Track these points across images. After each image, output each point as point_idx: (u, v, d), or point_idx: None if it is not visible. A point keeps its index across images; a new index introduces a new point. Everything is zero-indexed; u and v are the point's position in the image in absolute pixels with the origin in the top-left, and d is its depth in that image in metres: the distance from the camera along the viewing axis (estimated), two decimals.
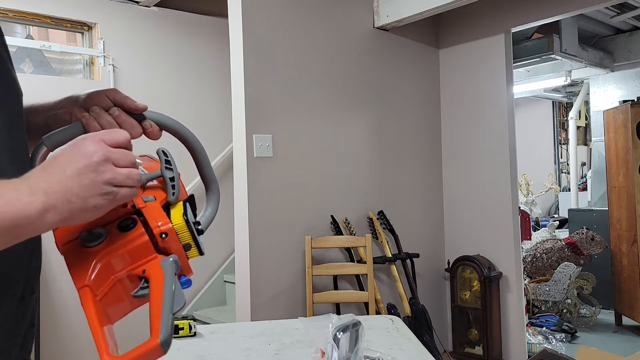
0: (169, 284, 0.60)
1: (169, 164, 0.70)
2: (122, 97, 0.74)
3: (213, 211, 0.75)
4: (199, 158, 0.76)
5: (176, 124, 0.75)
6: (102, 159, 0.57)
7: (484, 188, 3.29)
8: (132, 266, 0.63)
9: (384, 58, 3.13)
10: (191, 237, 0.65)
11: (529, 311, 4.07)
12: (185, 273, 0.66)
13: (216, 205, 0.75)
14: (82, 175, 0.56)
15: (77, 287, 0.61)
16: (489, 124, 3.26)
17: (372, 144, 3.04)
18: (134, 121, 0.73)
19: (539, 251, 4.42)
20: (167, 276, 0.61)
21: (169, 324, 0.58)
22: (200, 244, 0.66)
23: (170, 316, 0.58)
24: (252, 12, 2.49)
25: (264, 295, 2.46)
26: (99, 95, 0.75)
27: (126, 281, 0.64)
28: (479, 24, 3.28)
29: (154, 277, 0.62)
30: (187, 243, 0.65)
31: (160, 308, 0.58)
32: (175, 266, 0.63)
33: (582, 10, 3.00)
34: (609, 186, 4.27)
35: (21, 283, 0.68)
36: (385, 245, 2.94)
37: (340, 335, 1.02)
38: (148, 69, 3.52)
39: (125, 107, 0.73)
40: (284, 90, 2.61)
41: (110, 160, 0.58)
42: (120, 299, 0.64)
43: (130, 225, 0.63)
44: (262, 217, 2.49)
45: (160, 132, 0.75)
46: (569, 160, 6.76)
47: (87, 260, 0.62)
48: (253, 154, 2.47)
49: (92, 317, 0.60)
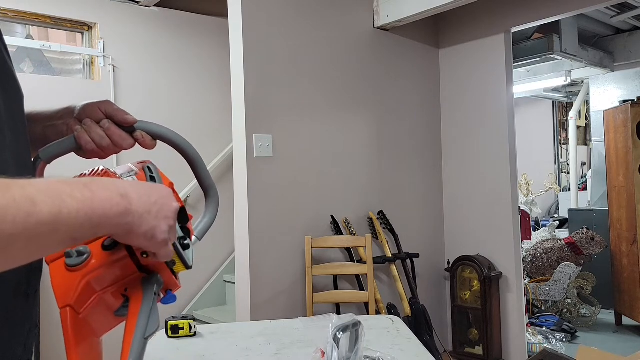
0: (146, 305, 0.61)
1: (153, 180, 0.70)
2: (114, 109, 0.76)
3: (211, 218, 0.76)
4: (195, 165, 0.77)
5: (169, 132, 0.75)
6: (174, 215, 0.63)
7: (484, 188, 3.29)
8: (114, 285, 0.63)
9: (384, 58, 3.13)
10: (175, 253, 0.64)
11: (529, 311, 4.07)
12: (170, 287, 0.66)
13: (215, 211, 0.76)
14: (161, 210, 0.61)
15: (59, 305, 0.61)
16: (489, 124, 3.26)
17: (372, 144, 3.04)
18: (123, 133, 0.75)
19: (539, 251, 4.42)
20: (146, 297, 0.61)
21: (139, 351, 0.58)
22: (186, 259, 0.66)
23: (142, 342, 0.58)
24: (252, 12, 2.49)
25: (264, 295, 2.47)
26: (91, 107, 0.76)
27: (110, 298, 0.64)
28: (479, 24, 3.28)
29: (134, 297, 0.62)
30: (171, 260, 0.64)
31: (132, 332, 0.59)
32: (157, 284, 0.63)
33: (582, 10, 3.00)
34: (609, 186, 4.27)
35: (24, 282, 0.69)
36: (385, 245, 2.94)
37: (340, 335, 1.02)
38: (148, 69, 3.52)
39: (115, 120, 0.76)
40: (284, 90, 2.61)
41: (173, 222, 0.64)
42: (105, 315, 0.64)
43: (113, 244, 0.62)
44: (262, 217, 2.49)
45: (154, 142, 0.77)
46: (569, 160, 6.76)
47: (71, 279, 0.62)
48: (253, 154, 2.47)
49: (69, 338, 0.60)
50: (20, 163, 0.68)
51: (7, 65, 0.71)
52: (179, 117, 3.64)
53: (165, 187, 0.64)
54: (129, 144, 0.76)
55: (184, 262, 0.65)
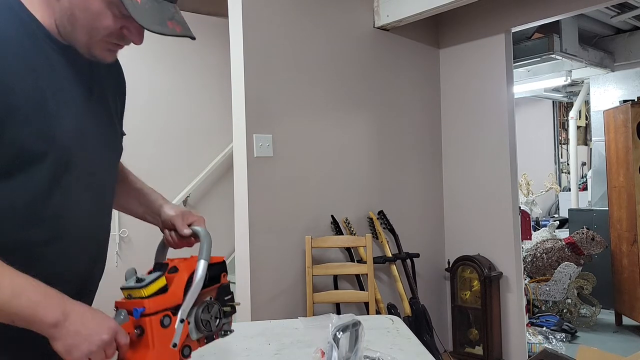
0: None
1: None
2: (177, 226, 1.06)
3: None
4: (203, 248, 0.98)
5: (208, 240, 1.00)
6: (107, 342, 0.80)
7: (484, 188, 3.29)
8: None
9: (384, 58, 3.13)
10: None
11: (529, 311, 4.07)
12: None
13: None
14: (90, 336, 0.78)
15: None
16: (489, 123, 3.26)
17: (373, 143, 3.04)
18: (183, 241, 1.08)
19: (539, 251, 4.42)
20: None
21: None
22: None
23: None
24: (253, 12, 2.49)
25: (264, 295, 2.46)
26: (167, 222, 1.09)
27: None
28: (479, 24, 3.27)
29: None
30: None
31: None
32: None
33: (582, 10, 3.00)
34: (609, 186, 4.27)
35: (76, 284, 0.90)
36: (385, 245, 2.94)
37: (340, 335, 1.02)
38: (148, 69, 3.52)
39: (177, 231, 1.06)
40: (284, 90, 2.61)
41: (105, 348, 0.81)
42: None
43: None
44: (262, 217, 2.49)
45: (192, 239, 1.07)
46: (569, 160, 6.76)
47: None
48: (253, 154, 2.47)
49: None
50: (94, 198, 0.95)
51: (115, 128, 1.02)
52: (179, 116, 3.64)
53: (110, 321, 0.81)
54: (187, 245, 1.08)
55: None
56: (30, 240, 0.84)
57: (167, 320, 0.86)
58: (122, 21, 0.86)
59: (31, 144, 0.80)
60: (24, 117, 0.79)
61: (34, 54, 0.83)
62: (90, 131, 0.92)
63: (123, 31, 0.87)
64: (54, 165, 0.84)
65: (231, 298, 1.01)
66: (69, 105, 0.87)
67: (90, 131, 0.92)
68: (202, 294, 0.92)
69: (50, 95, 0.84)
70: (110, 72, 1.03)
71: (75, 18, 0.84)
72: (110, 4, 0.83)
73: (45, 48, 0.85)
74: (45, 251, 0.86)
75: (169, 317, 0.86)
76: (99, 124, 0.95)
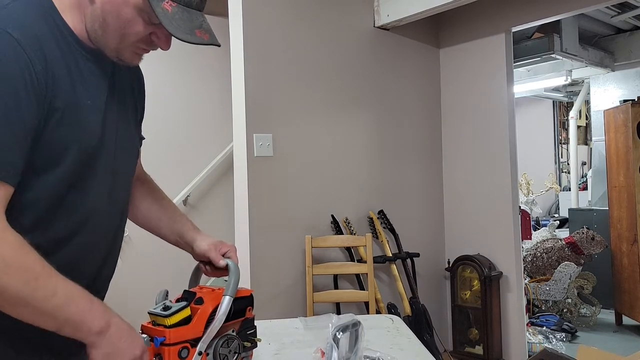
0: None
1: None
2: (212, 257, 1.13)
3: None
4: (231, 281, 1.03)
5: (236, 276, 1.07)
6: (137, 359, 0.84)
7: (484, 187, 3.29)
8: None
9: (385, 57, 3.13)
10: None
11: (529, 311, 4.07)
12: None
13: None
14: (127, 349, 0.82)
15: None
16: (489, 123, 3.26)
17: (373, 143, 3.04)
18: (217, 272, 1.17)
19: (539, 251, 4.42)
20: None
21: None
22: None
23: None
24: (253, 12, 2.49)
25: (264, 295, 2.46)
26: (200, 255, 1.15)
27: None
28: (480, 24, 3.27)
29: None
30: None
31: None
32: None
33: (582, 10, 3.00)
34: (609, 186, 4.27)
35: (81, 283, 0.87)
36: (385, 244, 2.94)
37: (340, 335, 1.02)
38: (148, 69, 3.50)
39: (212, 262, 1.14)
40: (284, 89, 2.61)
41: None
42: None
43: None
44: (262, 216, 2.49)
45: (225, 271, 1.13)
46: (569, 159, 6.76)
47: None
48: (253, 154, 2.47)
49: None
50: (112, 199, 0.97)
51: (133, 133, 1.08)
52: (179, 116, 3.64)
53: (141, 340, 0.85)
54: (223, 275, 1.15)
55: None
56: (48, 235, 0.87)
57: (185, 353, 0.88)
58: (152, 27, 0.90)
59: (62, 145, 0.85)
60: (60, 118, 0.84)
61: (70, 59, 0.87)
62: (111, 136, 0.96)
63: (152, 37, 0.92)
64: (78, 166, 0.88)
65: (254, 332, 1.05)
66: (94, 110, 0.91)
67: (111, 136, 0.96)
68: (225, 326, 0.95)
69: (81, 99, 0.88)
70: (131, 78, 1.09)
71: (107, 24, 0.88)
72: (141, 12, 0.87)
73: (76, 53, 0.89)
74: (61, 248, 0.89)
75: (187, 349, 0.89)
76: (119, 128, 0.99)
